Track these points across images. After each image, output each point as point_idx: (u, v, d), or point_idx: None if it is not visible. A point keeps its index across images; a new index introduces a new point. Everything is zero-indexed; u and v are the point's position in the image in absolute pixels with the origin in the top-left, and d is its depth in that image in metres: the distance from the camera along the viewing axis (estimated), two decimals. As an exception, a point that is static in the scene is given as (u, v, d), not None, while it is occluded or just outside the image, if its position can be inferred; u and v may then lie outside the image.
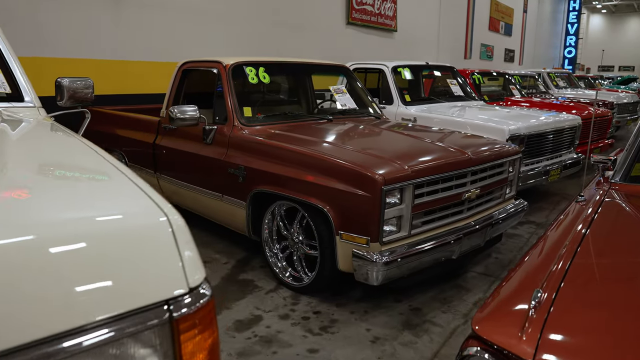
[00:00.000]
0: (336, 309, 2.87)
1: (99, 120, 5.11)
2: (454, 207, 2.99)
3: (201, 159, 3.61)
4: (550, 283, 1.45)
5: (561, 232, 1.88)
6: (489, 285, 3.22)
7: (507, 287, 1.60)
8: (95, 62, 5.60)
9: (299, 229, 3.05)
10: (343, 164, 2.69)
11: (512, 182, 3.61)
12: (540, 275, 1.53)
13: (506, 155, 3.40)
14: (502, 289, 1.60)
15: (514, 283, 1.61)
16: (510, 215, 3.44)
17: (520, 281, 1.60)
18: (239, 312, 2.83)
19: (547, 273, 1.52)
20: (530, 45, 21.76)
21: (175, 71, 4.13)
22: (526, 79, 9.52)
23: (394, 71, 5.79)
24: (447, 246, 2.87)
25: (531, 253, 1.79)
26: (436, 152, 3.02)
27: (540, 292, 1.35)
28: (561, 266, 1.55)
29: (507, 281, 1.63)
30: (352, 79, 4.58)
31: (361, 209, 2.59)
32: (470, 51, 15.44)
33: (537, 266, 1.65)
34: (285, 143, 3.07)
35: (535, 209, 5.09)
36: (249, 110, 3.53)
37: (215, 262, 3.56)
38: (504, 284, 1.62)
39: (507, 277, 1.65)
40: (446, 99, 6.12)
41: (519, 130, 4.68)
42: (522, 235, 4.27)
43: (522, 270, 1.66)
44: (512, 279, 1.63)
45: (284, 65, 4.15)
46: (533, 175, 4.92)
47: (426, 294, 3.07)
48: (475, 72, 7.62)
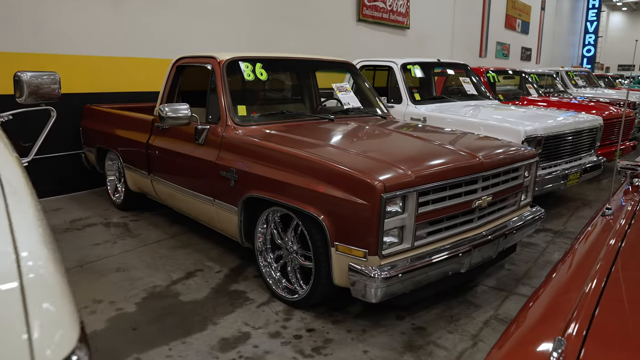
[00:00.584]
0: (332, 326, 2.63)
1: (95, 119, 4.94)
2: (463, 215, 2.73)
3: (193, 161, 3.39)
4: (580, 318, 1.20)
5: (588, 250, 1.61)
6: (501, 301, 2.94)
7: (529, 321, 1.35)
8: (98, 60, 5.43)
9: (293, 238, 2.82)
10: (339, 168, 2.44)
11: (527, 187, 3.32)
12: (567, 306, 1.28)
13: (521, 158, 3.12)
14: (524, 323, 1.35)
15: (537, 314, 1.36)
16: (526, 224, 3.16)
17: (545, 314, 1.35)
18: (225, 328, 2.60)
19: (575, 304, 1.26)
20: (548, 44, 21.23)
21: (170, 67, 3.92)
22: (543, 78, 9.16)
23: (404, 68, 5.52)
24: (454, 259, 2.60)
25: (555, 275, 1.54)
26: (444, 156, 2.75)
27: (564, 341, 1.09)
28: (592, 295, 1.29)
29: (528, 311, 1.38)
30: (357, 76, 4.33)
31: (358, 219, 2.34)
32: (485, 49, 15.05)
33: (564, 294, 1.39)
34: (278, 144, 2.83)
35: (553, 215, 4.78)
36: (243, 109, 3.30)
37: (207, 271, 3.34)
38: (525, 316, 1.37)
39: (528, 306, 1.39)
40: (458, 98, 5.83)
41: (536, 131, 4.38)
42: (538, 244, 3.98)
43: (546, 298, 1.41)
44: (534, 308, 1.38)
45: (282, 61, 3.91)
46: (550, 179, 4.61)
47: (431, 310, 2.81)
48: (489, 70, 7.30)
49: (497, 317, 2.74)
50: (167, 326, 2.61)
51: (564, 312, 1.22)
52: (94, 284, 3.11)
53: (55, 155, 5.28)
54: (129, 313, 2.74)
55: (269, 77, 3.83)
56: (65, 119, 5.27)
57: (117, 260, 3.51)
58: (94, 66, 5.45)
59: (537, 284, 3.22)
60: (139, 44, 5.82)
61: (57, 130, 5.24)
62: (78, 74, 5.33)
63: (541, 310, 1.34)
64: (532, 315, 1.33)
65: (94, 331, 2.56)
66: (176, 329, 2.58)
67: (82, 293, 2.98)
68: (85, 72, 5.39)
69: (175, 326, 2.62)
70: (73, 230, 4.15)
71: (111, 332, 2.55)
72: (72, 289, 2.01)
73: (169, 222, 4.36)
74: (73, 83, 5.29)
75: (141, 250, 3.70)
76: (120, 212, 4.70)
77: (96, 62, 5.46)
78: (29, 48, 4.90)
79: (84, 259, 3.51)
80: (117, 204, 4.79)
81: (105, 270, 3.34)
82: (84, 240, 3.92)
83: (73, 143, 5.35)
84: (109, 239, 3.93)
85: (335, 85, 3.88)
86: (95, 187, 5.53)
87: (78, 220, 4.43)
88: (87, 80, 5.41)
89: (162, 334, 2.53)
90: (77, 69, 5.30)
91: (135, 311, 2.77)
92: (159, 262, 3.48)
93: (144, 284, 3.13)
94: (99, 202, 5.05)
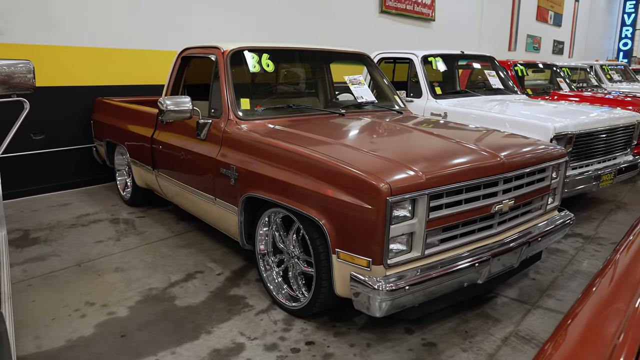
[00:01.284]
0: (333, 339, 2.41)
1: (105, 112, 4.84)
2: (481, 221, 2.47)
3: (194, 157, 3.22)
4: (627, 343, 0.98)
5: (632, 262, 1.36)
6: (523, 315, 2.68)
7: (568, 344, 1.12)
8: (115, 52, 5.32)
9: (295, 242, 2.61)
10: (341, 167, 2.22)
11: (555, 190, 3.03)
12: (611, 328, 1.06)
13: (549, 158, 2.83)
14: (562, 347, 1.12)
15: (576, 336, 1.13)
16: (553, 230, 2.87)
17: (585, 337, 1.11)
18: (219, 337, 2.42)
19: (621, 326, 1.04)
20: (582, 37, 20.38)
21: (175, 58, 3.75)
22: (576, 72, 8.69)
23: (424, 61, 5.23)
24: (470, 269, 2.35)
25: (596, 290, 1.30)
26: (461, 155, 2.50)
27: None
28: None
29: (566, 331, 1.15)
30: (372, 68, 4.08)
31: (361, 225, 2.12)
32: (515, 43, 14.49)
33: (607, 313, 1.16)
34: (278, 140, 2.63)
35: (583, 219, 4.44)
36: (247, 103, 3.11)
37: (208, 273, 3.17)
38: (563, 337, 1.14)
39: (565, 325, 1.16)
40: (483, 93, 5.51)
41: (566, 128, 4.06)
42: (566, 250, 3.67)
43: (586, 317, 1.18)
44: (572, 329, 1.15)
45: (291, 52, 3.69)
46: (582, 180, 4.28)
47: (444, 323, 2.57)
48: (518, 63, 6.93)
49: (517, 334, 2.48)
50: (157, 334, 2.45)
51: (608, 335, 1.02)
52: (89, 285, 2.98)
53: (67, 149, 5.21)
54: (120, 318, 2.59)
55: (277, 69, 3.63)
56: (80, 112, 5.20)
57: (117, 259, 3.38)
58: (109, 58, 5.34)
59: (564, 296, 2.95)
60: (153, 36, 5.69)
61: (70, 123, 5.17)
62: (92, 66, 5.23)
63: (581, 331, 1.13)
64: (571, 337, 1.11)
65: (81, 337, 2.41)
66: (167, 337, 2.42)
67: (76, 294, 2.85)
68: (100, 64, 5.29)
69: (167, 334, 2.45)
70: (78, 227, 4.04)
71: (98, 338, 2.40)
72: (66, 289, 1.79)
73: (175, 220, 4.22)
74: (88, 75, 5.20)
75: (143, 249, 3.56)
76: (128, 208, 4.58)
77: (112, 54, 5.35)
78: (41, 40, 4.82)
79: (84, 257, 3.39)
80: (125, 199, 4.68)
81: (104, 269, 3.21)
82: (87, 237, 3.81)
83: (86, 136, 5.27)
84: (112, 236, 3.81)
85: (348, 77, 3.65)
86: (108, 182, 5.44)
87: (85, 216, 4.33)
88: (102, 73, 5.31)
89: (151, 343, 2.37)
90: (91, 61, 5.21)
91: (127, 316, 2.61)
92: (160, 262, 3.33)
93: (140, 285, 2.98)
94: (109, 197, 4.95)
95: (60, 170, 5.17)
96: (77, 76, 5.14)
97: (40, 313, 2.63)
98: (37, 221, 4.18)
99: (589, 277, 3.20)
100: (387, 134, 3.01)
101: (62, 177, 5.19)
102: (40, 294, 2.85)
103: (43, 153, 5.04)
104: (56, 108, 5.04)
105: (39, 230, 3.93)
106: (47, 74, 4.90)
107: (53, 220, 4.20)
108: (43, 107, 4.94)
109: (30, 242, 3.67)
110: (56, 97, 5.01)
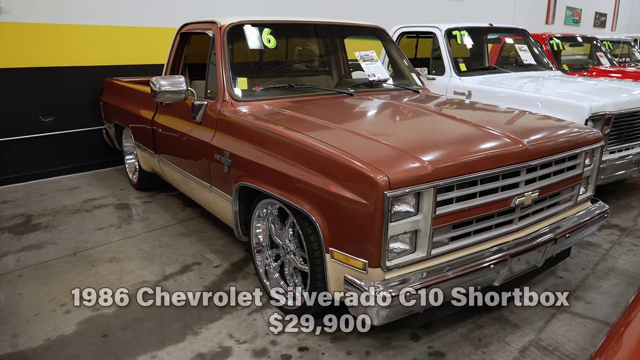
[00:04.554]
0: (329, 345, 2.19)
1: (113, 93, 4.68)
2: (499, 216, 2.17)
3: (189, 141, 3.01)
4: None
5: None
6: (546, 321, 2.38)
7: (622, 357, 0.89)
8: (123, 29, 5.14)
9: (290, 236, 2.38)
10: (335, 156, 1.95)
11: (588, 179, 2.69)
12: None
13: (581, 143, 2.48)
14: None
15: (631, 348, 0.90)
16: (584, 225, 2.54)
17: None
18: (206, 340, 2.23)
19: None
20: (627, 8, 19.07)
21: (175, 35, 3.53)
22: (619, 46, 8.04)
23: (449, 35, 4.84)
24: (484, 272, 2.07)
25: None
26: (478, 142, 2.19)
27: None
28: None
29: (619, 342, 0.93)
30: (388, 43, 3.75)
31: (356, 222, 1.86)
32: (553, 15, 13.62)
33: None
34: (271, 124, 2.37)
35: (620, 208, 4.04)
36: (244, 82, 2.85)
37: (206, 265, 2.99)
38: (616, 350, 0.91)
39: (618, 334, 0.93)
40: (513, 69, 5.09)
41: (604, 107, 3.65)
42: (600, 244, 3.31)
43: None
44: (627, 339, 0.93)
45: (297, 27, 3.40)
46: (621, 165, 3.88)
47: (455, 329, 2.30)
48: (553, 37, 6.40)
49: (538, 344, 2.19)
50: (141, 334, 2.28)
51: None
52: (80, 277, 2.84)
53: (77, 131, 5.10)
54: (104, 315, 2.43)
55: (282, 45, 3.36)
56: (91, 93, 5.05)
57: (114, 248, 3.23)
58: (120, 36, 5.16)
59: (594, 298, 2.62)
60: (169, 13, 5.47)
61: (81, 105, 5.04)
62: (103, 45, 5.06)
63: (635, 342, 0.90)
64: (625, 350, 0.88)
65: (61, 335, 2.26)
66: (150, 339, 2.24)
67: (65, 287, 2.71)
68: (112, 43, 5.11)
69: (151, 334, 2.27)
70: (82, 212, 3.92)
71: (79, 338, 2.24)
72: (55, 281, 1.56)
73: (181, 206, 4.05)
74: (98, 55, 5.04)
75: (143, 237, 3.41)
76: (136, 192, 4.45)
77: (123, 32, 5.17)
78: (47, 19, 4.67)
79: (81, 246, 3.26)
80: (133, 183, 4.55)
81: (99, 259, 3.06)
82: (89, 223, 3.68)
83: (97, 118, 5.14)
84: (114, 223, 3.67)
85: (359, 53, 3.34)
86: (119, 165, 5.33)
87: (91, 201, 4.21)
88: (114, 52, 5.14)
89: (132, 344, 2.20)
90: (101, 39, 5.03)
91: (112, 313, 2.45)
92: (157, 252, 3.16)
93: (133, 278, 2.82)
94: (119, 180, 4.83)
95: (71, 153, 5.07)
96: (87, 56, 4.99)
97: (24, 307, 2.50)
98: (42, 206, 4.08)
99: (625, 276, 2.86)
100: (397, 117, 2.71)
101: (73, 159, 5.10)
102: (29, 286, 2.72)
103: (52, 135, 4.95)
104: (66, 89, 4.91)
105: (42, 216, 3.83)
106: (55, 54, 4.77)
107: (58, 205, 4.10)
108: (52, 88, 4.82)
109: (31, 229, 3.56)
110: (67, 77, 4.88)
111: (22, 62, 4.59)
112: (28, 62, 4.64)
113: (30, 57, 4.63)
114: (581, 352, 2.14)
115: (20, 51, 4.57)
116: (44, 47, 4.68)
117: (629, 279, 2.82)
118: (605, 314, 2.46)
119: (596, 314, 2.45)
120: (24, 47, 4.56)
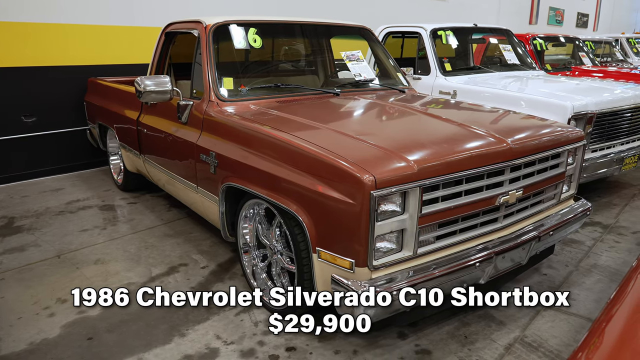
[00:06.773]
0: (317, 344, 2.19)
1: (96, 93, 4.63)
2: (484, 215, 2.19)
3: (175, 142, 2.99)
4: None
5: None
6: (530, 317, 2.41)
7: (602, 353, 0.92)
8: (110, 29, 5.09)
9: (277, 237, 2.38)
10: (321, 156, 1.95)
11: (571, 177, 2.73)
12: None
13: (564, 142, 2.52)
14: (597, 355, 0.92)
15: (612, 343, 0.92)
16: (567, 222, 2.58)
17: (622, 344, 0.91)
18: (193, 341, 2.22)
19: None
20: (608, 9, 19.40)
21: (160, 35, 3.50)
22: (601, 46, 8.17)
23: (434, 35, 4.88)
24: (470, 270, 2.09)
25: (631, 289, 1.08)
26: (463, 141, 2.21)
27: None
28: None
29: (600, 338, 0.95)
30: (374, 43, 3.77)
31: (343, 221, 1.87)
32: (536, 16, 13.80)
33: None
34: (257, 124, 2.37)
35: (603, 205, 4.11)
36: (230, 82, 2.85)
37: (192, 266, 2.97)
38: (597, 346, 0.93)
39: (600, 329, 0.96)
40: (497, 69, 5.15)
41: (586, 106, 3.71)
42: (583, 241, 3.37)
43: (622, 322, 0.97)
44: (608, 335, 0.95)
45: (282, 26, 3.40)
46: (603, 163, 3.94)
47: (441, 327, 2.32)
48: (537, 37, 6.49)
49: (523, 340, 2.22)
50: (127, 336, 2.26)
51: None
52: (65, 279, 2.80)
53: (61, 132, 5.03)
54: (89, 318, 2.40)
55: (268, 45, 3.35)
56: (75, 93, 4.98)
57: (99, 250, 3.20)
58: (107, 36, 5.10)
59: (578, 295, 2.66)
60: (155, 12, 5.42)
61: (64, 105, 4.98)
62: (88, 45, 5.00)
63: (616, 337, 0.92)
64: (607, 345, 0.91)
65: (45, 339, 2.23)
66: (136, 341, 2.22)
67: (48, 290, 2.67)
68: (97, 42, 5.05)
69: (137, 337, 2.25)
70: (66, 214, 3.87)
71: (63, 341, 2.22)
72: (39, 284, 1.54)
73: (167, 207, 4.02)
74: (83, 54, 4.97)
75: (128, 239, 3.37)
76: (121, 193, 4.40)
77: (110, 32, 5.11)
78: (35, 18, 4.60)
79: (65, 248, 3.22)
80: (118, 184, 4.50)
81: (83, 261, 3.03)
82: (73, 224, 3.63)
83: (81, 118, 5.07)
84: (98, 225, 3.63)
85: (345, 53, 3.35)
86: (104, 166, 5.27)
87: (75, 202, 4.16)
88: (100, 52, 5.08)
89: (118, 347, 2.18)
90: (86, 39, 4.97)
91: (97, 315, 2.43)
92: (143, 254, 3.14)
93: (118, 280, 2.80)
94: (104, 182, 4.78)
95: (55, 154, 5.01)
96: (70, 55, 4.92)
97: (7, 311, 2.46)
98: (25, 208, 4.02)
99: (607, 273, 2.91)
100: (382, 116, 2.73)
101: (56, 160, 5.03)
102: (11, 290, 2.68)
103: (35, 136, 4.87)
104: (49, 89, 4.84)
105: (24, 218, 3.78)
106: (39, 53, 4.69)
107: (41, 206, 4.04)
108: (34, 88, 4.75)
109: (13, 231, 3.51)
110: (49, 77, 4.81)
111: (1, 61, 4.51)
112: (8, 62, 4.56)
113: (10, 57, 4.55)
114: (565, 348, 2.17)
115: (15, 49, 4.50)
116: (25, 46, 4.61)
117: (611, 275, 2.87)
118: (588, 310, 2.50)
119: (579, 310, 2.49)
120: (3, 46, 4.49)
